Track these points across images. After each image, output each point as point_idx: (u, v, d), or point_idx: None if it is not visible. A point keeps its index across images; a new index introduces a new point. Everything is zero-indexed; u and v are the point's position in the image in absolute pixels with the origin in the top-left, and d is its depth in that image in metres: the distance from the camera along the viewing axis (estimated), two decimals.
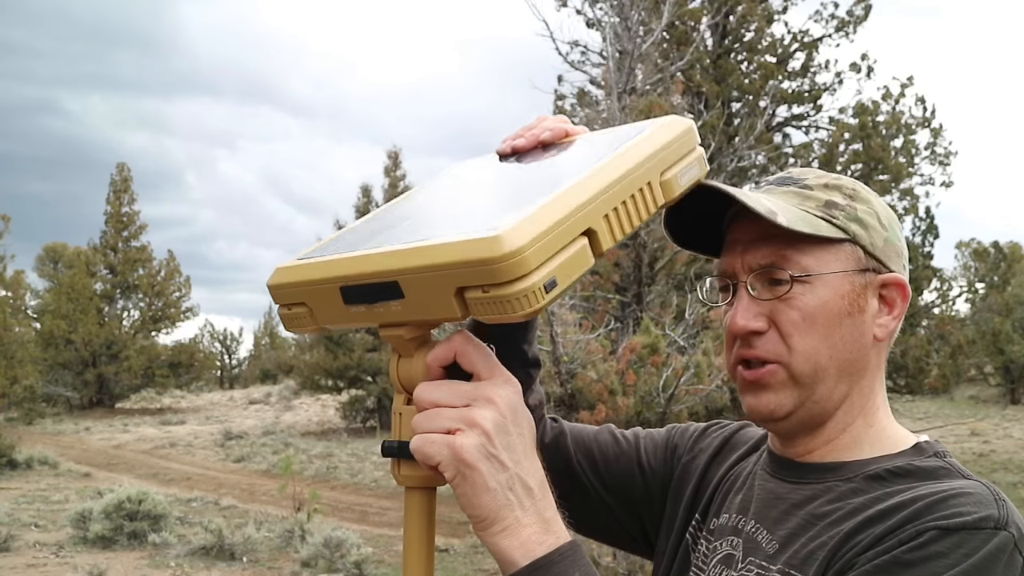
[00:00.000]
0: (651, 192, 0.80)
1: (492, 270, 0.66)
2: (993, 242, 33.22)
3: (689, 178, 0.84)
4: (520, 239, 0.66)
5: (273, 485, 13.31)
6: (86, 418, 26.84)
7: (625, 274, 8.50)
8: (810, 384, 0.94)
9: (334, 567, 8.24)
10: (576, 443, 1.18)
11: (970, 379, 31.64)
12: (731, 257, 0.98)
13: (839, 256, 0.94)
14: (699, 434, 1.19)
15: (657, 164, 0.81)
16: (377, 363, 21.90)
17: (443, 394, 0.74)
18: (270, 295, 0.84)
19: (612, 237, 0.75)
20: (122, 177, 32.77)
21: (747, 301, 0.95)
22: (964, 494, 0.82)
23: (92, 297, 30.86)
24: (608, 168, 0.77)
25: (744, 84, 17.83)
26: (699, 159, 0.86)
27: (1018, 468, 14.15)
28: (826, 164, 17.88)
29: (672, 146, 0.83)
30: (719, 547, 1.02)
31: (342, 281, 0.76)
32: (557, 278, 0.68)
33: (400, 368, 0.80)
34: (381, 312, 0.74)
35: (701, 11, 16.99)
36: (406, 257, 0.71)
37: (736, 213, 0.98)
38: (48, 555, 8.76)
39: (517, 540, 0.72)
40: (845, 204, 0.96)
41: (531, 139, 0.94)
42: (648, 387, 7.27)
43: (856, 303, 0.95)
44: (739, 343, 0.97)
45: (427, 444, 0.72)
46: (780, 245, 0.93)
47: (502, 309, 0.67)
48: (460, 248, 0.68)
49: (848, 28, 18.79)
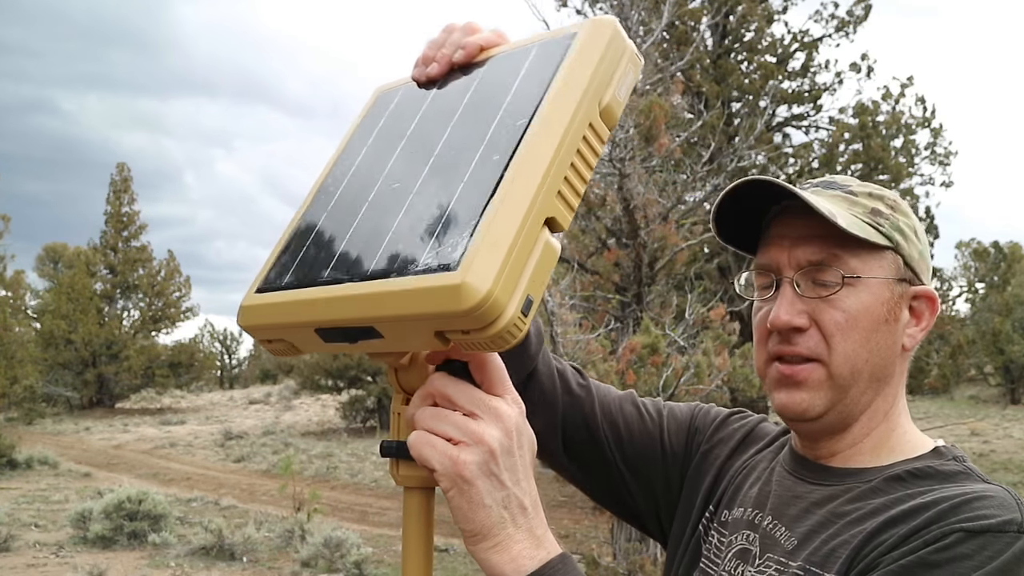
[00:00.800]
0: (595, 133, 0.73)
1: (467, 319, 0.64)
2: (993, 242, 33.23)
3: (627, 88, 0.76)
4: (485, 280, 0.63)
5: (273, 485, 13.31)
6: (86, 418, 26.83)
7: (625, 274, 8.49)
8: (845, 386, 0.95)
9: (334, 567, 8.24)
10: (603, 410, 1.16)
11: (970, 379, 31.62)
12: (776, 252, 0.98)
13: (883, 263, 0.96)
14: (720, 422, 1.18)
15: (592, 96, 0.73)
16: (377, 364, 21.83)
17: (457, 392, 0.74)
18: (245, 332, 0.81)
19: (570, 208, 0.70)
20: (122, 177, 32.77)
21: (791, 297, 0.96)
22: (986, 497, 0.83)
23: (92, 297, 30.84)
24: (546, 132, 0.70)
25: (744, 84, 17.83)
26: (631, 60, 0.77)
27: (1018, 468, 14.15)
28: (826, 164, 17.87)
29: (604, 63, 0.75)
30: (734, 540, 1.02)
31: (316, 324, 0.74)
32: (531, 294, 0.67)
33: (400, 376, 0.80)
34: (364, 345, 0.74)
35: (701, 11, 16.98)
36: (378, 303, 0.68)
37: (783, 209, 0.98)
38: (48, 555, 8.76)
39: (508, 555, 0.72)
40: (889, 214, 0.97)
41: (444, 64, 0.88)
42: (648, 387, 7.27)
43: (893, 311, 0.96)
44: (777, 339, 0.97)
45: (427, 448, 0.72)
46: (831, 245, 0.94)
47: (487, 346, 0.67)
48: (430, 297, 0.65)
49: (848, 28, 18.78)
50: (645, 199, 7.80)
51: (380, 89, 0.97)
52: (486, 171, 0.71)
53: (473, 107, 0.80)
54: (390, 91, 0.94)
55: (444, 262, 0.66)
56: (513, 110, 0.75)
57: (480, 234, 0.66)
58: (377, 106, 0.94)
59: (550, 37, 0.82)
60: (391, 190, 0.79)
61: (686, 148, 11.12)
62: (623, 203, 7.80)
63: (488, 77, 0.83)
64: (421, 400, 0.76)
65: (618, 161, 7.44)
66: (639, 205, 7.79)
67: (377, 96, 0.96)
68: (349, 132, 0.93)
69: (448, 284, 0.64)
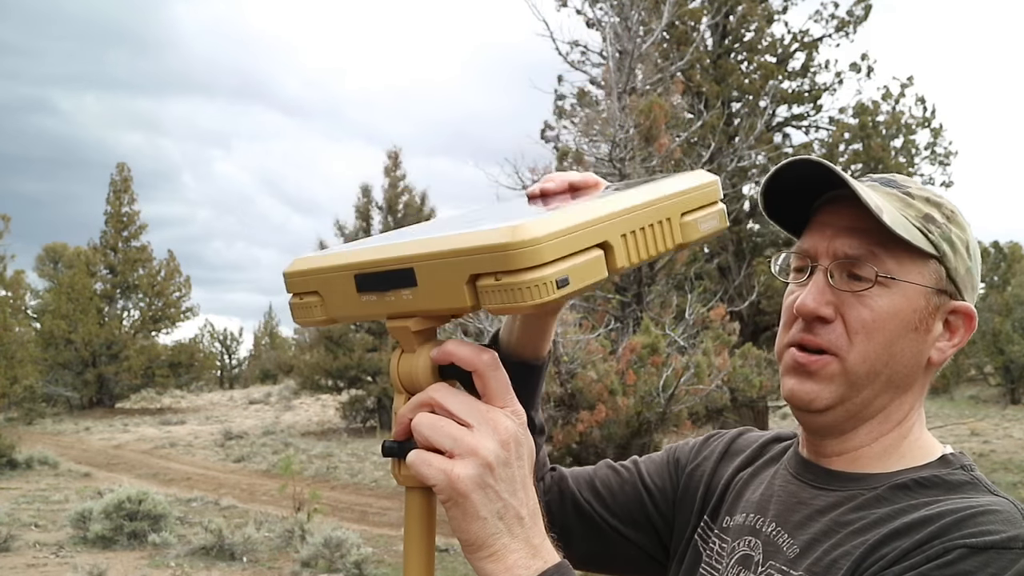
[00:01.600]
0: (670, 227, 0.83)
1: (507, 256, 0.67)
2: (993, 242, 33.18)
3: (708, 227, 0.88)
4: (537, 231, 0.69)
5: (273, 485, 13.31)
6: (86, 418, 26.84)
7: (625, 274, 8.50)
8: (858, 385, 0.94)
9: (334, 567, 8.24)
10: (578, 483, 1.18)
11: (970, 379, 31.62)
12: (817, 238, 0.97)
13: (924, 270, 0.94)
14: (700, 444, 1.21)
15: (679, 204, 0.85)
16: (377, 363, 21.89)
17: (455, 403, 0.74)
18: (284, 283, 0.85)
19: (627, 257, 0.77)
20: (122, 177, 32.77)
21: (823, 286, 0.95)
22: (991, 511, 0.82)
23: (92, 297, 30.85)
24: (631, 195, 0.81)
25: (744, 84, 17.83)
26: (720, 213, 0.90)
27: (1018, 468, 14.15)
28: None
29: (695, 192, 0.87)
30: (737, 547, 1.02)
31: (357, 268, 0.78)
32: (570, 277, 0.70)
33: (401, 366, 0.80)
34: (392, 301, 0.76)
35: (701, 11, 16.99)
36: (423, 245, 0.74)
37: (832, 198, 0.97)
38: (48, 555, 8.76)
39: (503, 565, 0.72)
40: (942, 222, 0.96)
41: (560, 182, 0.95)
42: (648, 387, 7.27)
43: (924, 321, 0.94)
44: (801, 326, 0.96)
45: (424, 467, 0.73)
46: (872, 241, 0.93)
47: (512, 298, 0.68)
48: (477, 236, 0.70)
49: (848, 28, 18.78)
50: None
51: None
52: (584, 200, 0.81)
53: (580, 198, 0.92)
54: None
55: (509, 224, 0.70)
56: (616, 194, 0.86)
57: (547, 216, 0.72)
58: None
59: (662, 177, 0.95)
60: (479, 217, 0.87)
61: (686, 148, 11.12)
62: None
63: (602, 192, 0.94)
64: (419, 406, 0.76)
65: (618, 161, 7.44)
66: None
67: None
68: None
69: (502, 227, 0.69)
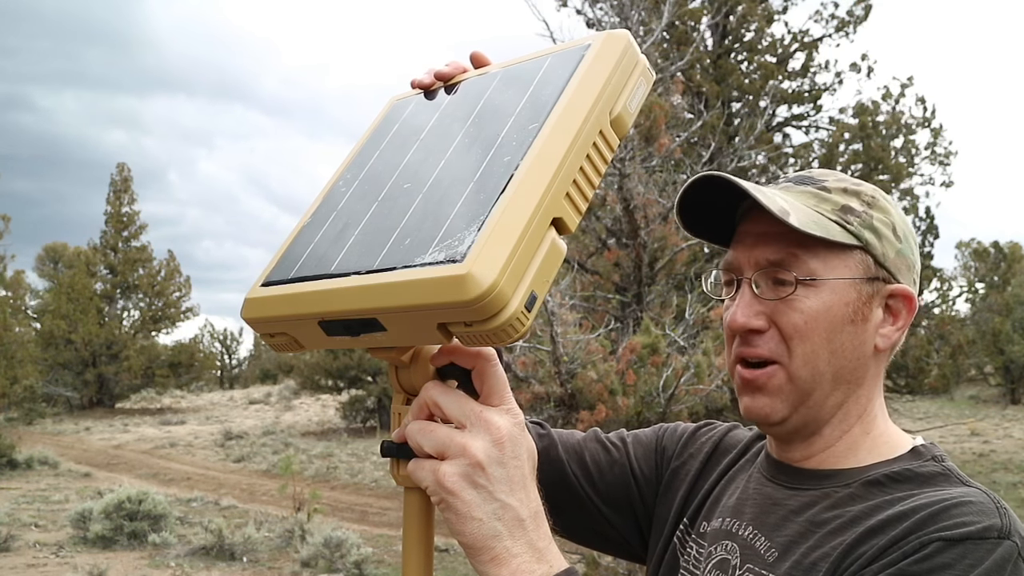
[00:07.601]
0: (605, 141, 0.75)
1: (470, 311, 0.64)
2: (993, 242, 33.17)
3: (638, 100, 0.78)
4: (490, 272, 0.64)
5: (273, 485, 13.31)
6: (86, 418, 26.82)
7: (625, 274, 8.50)
8: (807, 390, 0.93)
9: (334, 567, 8.24)
10: (568, 453, 1.16)
11: (970, 379, 31.60)
12: (740, 250, 0.97)
13: (848, 263, 0.93)
14: (688, 436, 1.18)
15: (604, 104, 0.75)
16: (377, 363, 21.87)
17: (448, 403, 0.73)
18: (248, 326, 0.82)
19: (578, 211, 0.71)
20: (122, 177, 32.76)
21: (749, 298, 0.94)
22: (965, 503, 0.82)
23: (92, 297, 30.83)
24: (557, 136, 0.72)
25: (744, 84, 17.81)
26: (644, 72, 0.79)
27: (1018, 468, 14.14)
28: (826, 164, 17.86)
29: (615, 74, 0.76)
30: (714, 552, 1.01)
31: (320, 316, 0.74)
32: (535, 291, 0.67)
33: (400, 375, 0.80)
34: (366, 340, 0.73)
35: (701, 11, 16.97)
36: (382, 294, 0.69)
37: (750, 207, 0.96)
38: (48, 555, 8.76)
39: (507, 570, 0.70)
40: (861, 211, 0.95)
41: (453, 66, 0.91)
42: (648, 387, 7.27)
43: (860, 312, 0.93)
44: (739, 341, 0.96)
45: (418, 471, 0.73)
46: (790, 244, 0.92)
47: (490, 340, 0.67)
48: (434, 287, 0.65)
49: (848, 28, 18.77)
50: (645, 199, 7.80)
51: (395, 98, 0.98)
52: (497, 171, 0.72)
53: (486, 112, 0.82)
54: (404, 99, 0.96)
55: (450, 255, 0.66)
56: (526, 115, 0.76)
57: (487, 228, 0.67)
58: (391, 113, 0.95)
59: (564, 48, 0.83)
60: (402, 190, 0.79)
61: (686, 148, 11.11)
62: (623, 203, 7.80)
63: (502, 85, 0.84)
64: (416, 410, 0.76)
65: (618, 161, 7.44)
66: (639, 205, 7.79)
67: (392, 104, 0.97)
68: (362, 138, 0.94)
69: (453, 275, 0.64)
